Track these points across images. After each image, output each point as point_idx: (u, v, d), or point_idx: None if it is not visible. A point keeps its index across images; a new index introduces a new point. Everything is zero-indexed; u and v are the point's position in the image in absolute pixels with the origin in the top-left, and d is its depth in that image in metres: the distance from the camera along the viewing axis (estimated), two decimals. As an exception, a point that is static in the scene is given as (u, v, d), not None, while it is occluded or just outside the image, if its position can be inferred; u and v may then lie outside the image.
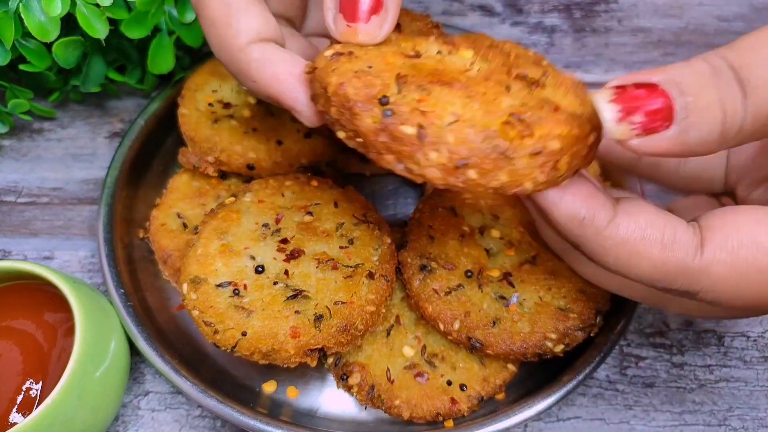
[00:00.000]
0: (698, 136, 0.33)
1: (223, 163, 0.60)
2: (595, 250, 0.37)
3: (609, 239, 0.36)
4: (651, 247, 0.36)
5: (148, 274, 0.60)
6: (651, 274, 0.37)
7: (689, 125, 0.33)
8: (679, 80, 0.33)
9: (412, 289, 0.53)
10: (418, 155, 0.35)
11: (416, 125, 0.34)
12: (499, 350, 0.50)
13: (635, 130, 0.33)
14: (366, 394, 0.51)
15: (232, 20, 0.41)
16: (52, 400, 0.44)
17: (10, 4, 0.58)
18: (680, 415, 0.56)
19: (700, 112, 0.33)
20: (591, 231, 0.36)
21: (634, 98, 0.33)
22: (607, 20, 0.87)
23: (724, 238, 0.36)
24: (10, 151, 0.73)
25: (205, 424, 0.56)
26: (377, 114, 0.35)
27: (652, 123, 0.33)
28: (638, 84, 0.34)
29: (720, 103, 0.33)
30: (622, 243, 0.36)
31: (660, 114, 0.33)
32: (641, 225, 0.36)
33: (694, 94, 0.33)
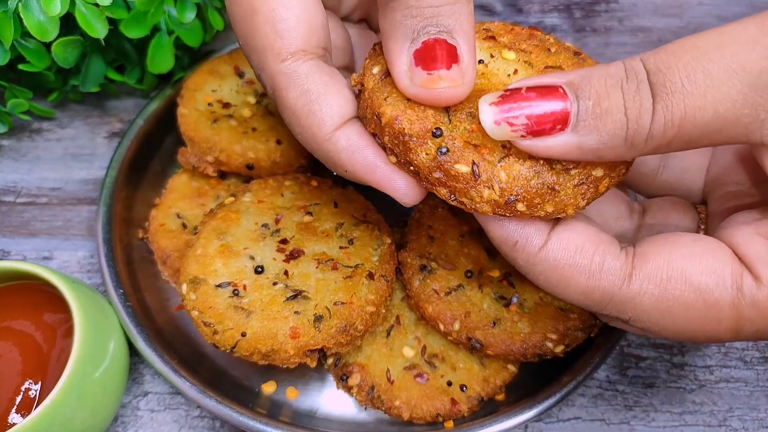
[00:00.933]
0: (597, 140, 0.33)
1: (223, 163, 0.60)
2: (526, 272, 0.39)
3: (539, 265, 0.37)
4: (578, 275, 0.36)
5: (147, 274, 0.60)
6: (579, 299, 0.38)
7: (586, 129, 0.33)
8: (580, 83, 0.33)
9: (412, 290, 0.53)
10: (471, 192, 0.36)
11: (470, 163, 0.35)
12: (499, 351, 0.50)
13: (517, 132, 0.33)
14: (366, 395, 0.51)
15: (313, 108, 0.39)
16: (51, 401, 0.44)
17: (9, 4, 0.58)
18: (680, 416, 0.56)
19: (598, 116, 0.32)
20: (522, 255, 0.38)
21: (517, 100, 0.33)
22: (607, 20, 0.87)
23: (655, 270, 0.36)
24: (9, 151, 0.73)
25: (204, 424, 0.56)
26: (432, 150, 0.36)
27: (538, 126, 0.33)
28: (534, 87, 0.33)
29: (623, 107, 0.32)
30: (550, 269, 0.37)
31: (549, 117, 0.33)
32: (570, 252, 0.37)
33: (595, 97, 0.32)
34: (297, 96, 0.40)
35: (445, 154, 0.35)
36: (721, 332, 0.36)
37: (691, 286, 0.35)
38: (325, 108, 0.39)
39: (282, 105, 0.41)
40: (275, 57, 0.39)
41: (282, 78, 0.40)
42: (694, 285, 0.35)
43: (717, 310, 0.35)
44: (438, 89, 0.36)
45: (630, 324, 0.38)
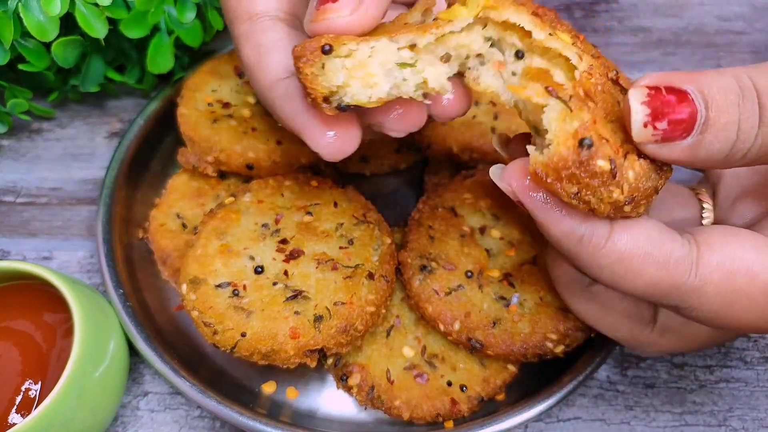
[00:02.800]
0: (708, 152, 0.34)
1: (223, 163, 0.60)
2: (589, 267, 0.38)
3: (605, 258, 0.37)
4: (648, 266, 0.36)
5: (147, 274, 0.60)
6: (645, 290, 0.37)
7: (703, 140, 0.34)
8: (707, 93, 0.34)
9: (412, 290, 0.53)
10: (602, 191, 0.33)
11: (608, 159, 0.33)
12: (499, 351, 0.50)
13: (656, 137, 0.34)
14: (366, 395, 0.51)
15: (262, 60, 0.43)
16: (51, 401, 0.44)
17: (9, 4, 0.58)
18: (681, 416, 0.56)
19: (716, 130, 0.33)
20: (588, 249, 0.37)
21: (664, 104, 0.33)
22: (607, 20, 0.87)
23: (721, 261, 0.36)
24: (8, 151, 0.73)
25: (204, 424, 0.56)
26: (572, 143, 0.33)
27: (672, 132, 0.33)
28: (670, 88, 0.34)
29: (737, 126, 0.33)
30: (618, 260, 0.36)
31: (682, 124, 0.33)
32: (640, 242, 0.36)
33: (717, 110, 0.33)
34: (250, 50, 0.44)
35: (590, 147, 0.32)
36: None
37: (756, 281, 0.36)
38: (272, 60, 0.43)
39: (240, 61, 0.45)
40: (238, 18, 0.44)
41: (241, 36, 0.44)
42: (760, 280, 0.36)
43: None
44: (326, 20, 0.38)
45: (686, 312, 0.38)
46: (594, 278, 0.39)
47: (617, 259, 0.36)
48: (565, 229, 0.36)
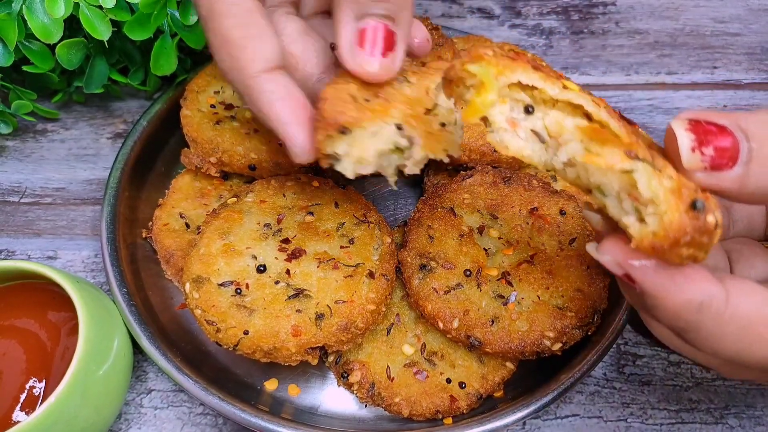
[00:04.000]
0: (758, 182, 0.34)
1: (225, 164, 0.60)
2: (710, 337, 0.35)
3: (730, 324, 0.34)
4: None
5: (150, 273, 0.61)
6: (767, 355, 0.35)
7: (750, 170, 0.34)
8: (745, 126, 0.34)
9: (412, 288, 0.54)
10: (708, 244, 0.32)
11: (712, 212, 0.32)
12: (497, 348, 0.51)
13: (704, 163, 0.34)
14: (366, 392, 0.52)
15: (249, 44, 0.41)
16: (55, 398, 0.45)
17: (13, 6, 0.58)
18: (677, 413, 0.56)
19: (762, 159, 0.34)
20: (710, 316, 0.34)
21: (706, 131, 0.34)
22: (604, 22, 0.87)
23: None
24: (13, 151, 0.74)
25: (207, 421, 0.56)
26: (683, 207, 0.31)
27: (720, 159, 0.34)
28: (708, 121, 0.34)
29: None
30: (743, 328, 0.34)
31: (728, 152, 0.34)
32: (758, 305, 0.34)
33: (759, 141, 0.34)
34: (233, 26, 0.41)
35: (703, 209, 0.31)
36: None
37: None
38: (260, 48, 0.41)
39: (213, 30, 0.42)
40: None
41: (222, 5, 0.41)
42: None
43: None
44: (369, 72, 0.41)
45: None
46: (714, 352, 0.36)
47: (742, 325, 0.34)
48: (683, 298, 0.34)
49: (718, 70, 0.82)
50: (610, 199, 0.34)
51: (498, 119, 0.36)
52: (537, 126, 0.35)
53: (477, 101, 0.35)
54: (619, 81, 0.81)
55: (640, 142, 0.33)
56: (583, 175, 0.34)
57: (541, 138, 0.35)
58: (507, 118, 0.36)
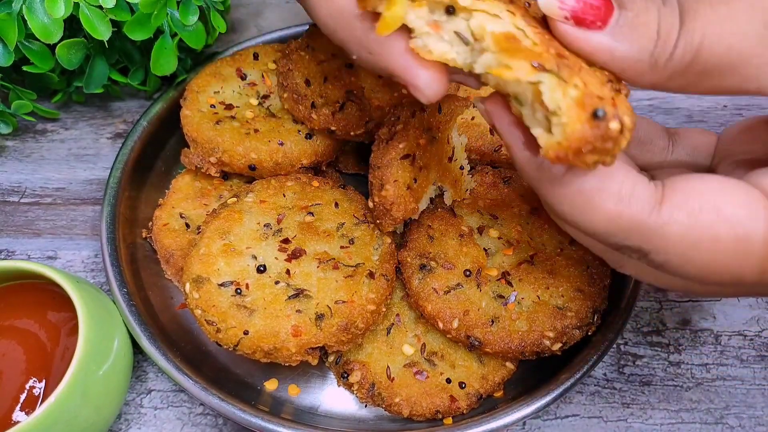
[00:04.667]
0: (628, 49, 0.34)
1: (225, 164, 0.60)
2: (550, 198, 0.36)
3: (564, 187, 0.35)
4: (606, 200, 0.35)
5: (150, 273, 0.61)
6: (605, 227, 0.35)
7: (621, 35, 0.34)
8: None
9: (412, 288, 0.54)
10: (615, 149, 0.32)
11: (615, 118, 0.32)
12: (497, 348, 0.51)
13: (564, 12, 0.34)
14: (366, 392, 0.52)
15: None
16: (55, 399, 0.45)
17: (13, 6, 0.58)
18: (677, 413, 0.56)
19: (634, 26, 0.34)
20: (548, 177, 0.35)
21: None
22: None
23: (685, 200, 0.35)
24: (13, 151, 0.74)
25: (207, 421, 0.56)
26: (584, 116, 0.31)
27: (584, 13, 0.34)
28: None
29: (657, 25, 0.34)
30: (577, 193, 0.35)
31: (595, 10, 0.34)
32: (598, 176, 0.35)
33: (636, 10, 0.34)
34: None
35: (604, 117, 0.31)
36: (746, 270, 0.35)
37: (722, 217, 0.34)
38: None
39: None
40: None
41: None
42: (726, 216, 0.34)
43: (747, 244, 0.34)
44: None
45: (651, 257, 0.36)
46: (556, 213, 0.37)
47: (576, 190, 0.35)
48: (525, 155, 0.36)
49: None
50: (525, 109, 0.35)
51: (418, 24, 0.35)
52: (460, 27, 0.35)
53: (387, 15, 0.35)
54: (620, 81, 0.81)
55: (552, 52, 0.33)
56: (501, 83, 0.35)
57: (465, 40, 0.35)
58: (428, 21, 0.35)
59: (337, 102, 0.60)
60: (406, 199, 0.51)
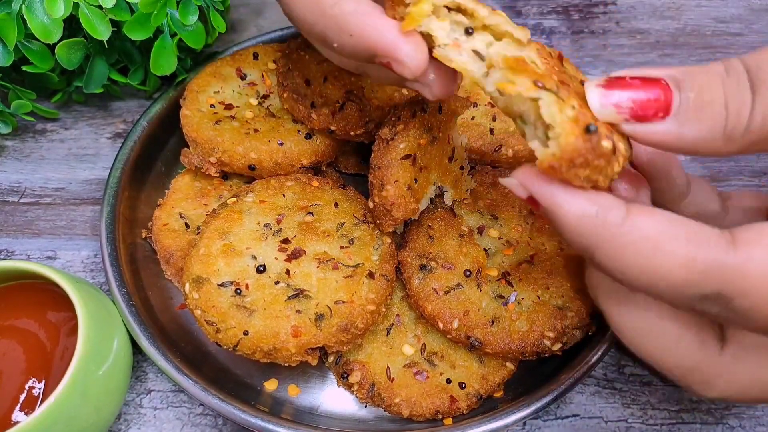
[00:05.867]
0: (697, 131, 0.33)
1: (225, 164, 0.60)
2: (611, 252, 0.33)
3: (627, 235, 0.32)
4: (675, 242, 0.31)
5: (150, 273, 0.61)
6: (679, 275, 0.32)
7: (688, 119, 0.33)
8: (682, 78, 0.34)
9: (412, 289, 0.54)
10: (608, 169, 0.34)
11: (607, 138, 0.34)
12: (497, 349, 0.51)
13: (623, 115, 0.34)
14: (366, 392, 0.52)
15: None
16: (55, 399, 0.45)
17: (13, 6, 0.58)
18: (677, 414, 0.56)
19: (700, 108, 0.33)
20: (605, 229, 0.33)
21: (623, 85, 0.34)
22: (605, 22, 0.87)
23: (759, 237, 0.31)
24: (13, 151, 0.74)
25: (207, 422, 0.56)
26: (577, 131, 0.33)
27: (642, 110, 0.34)
28: (637, 77, 0.34)
29: (724, 101, 0.32)
30: (642, 239, 0.32)
31: (654, 103, 0.33)
32: (660, 220, 0.32)
33: (697, 90, 0.33)
34: None
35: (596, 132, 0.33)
36: None
37: None
38: None
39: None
40: None
41: None
42: None
43: None
44: None
45: (735, 304, 0.32)
46: (619, 271, 0.33)
47: (640, 237, 0.32)
48: (576, 210, 0.33)
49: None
50: (528, 127, 0.36)
51: (440, 34, 0.39)
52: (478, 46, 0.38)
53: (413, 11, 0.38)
54: (620, 81, 0.81)
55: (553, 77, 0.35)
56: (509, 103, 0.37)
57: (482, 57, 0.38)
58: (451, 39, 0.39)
59: (337, 102, 0.60)
60: (407, 200, 0.52)
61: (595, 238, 0.33)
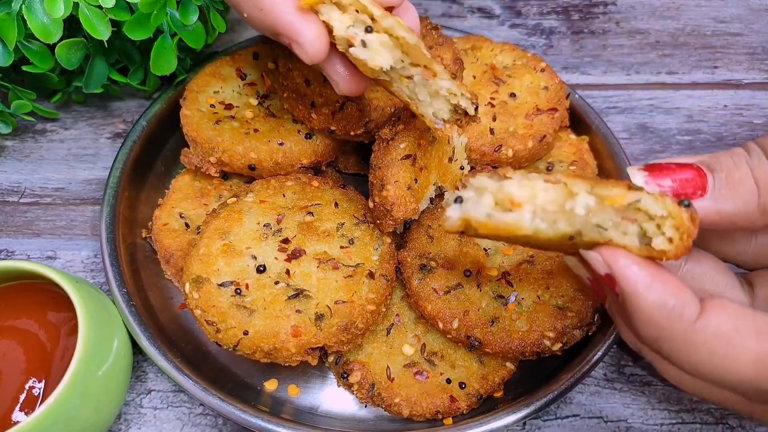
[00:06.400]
0: (734, 206, 0.37)
1: (225, 164, 0.60)
2: (683, 348, 0.34)
3: (700, 333, 0.34)
4: (747, 338, 0.33)
5: (150, 273, 0.61)
6: (753, 370, 0.33)
7: (723, 197, 0.37)
8: (710, 161, 0.38)
9: (412, 289, 0.54)
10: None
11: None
12: (497, 349, 0.51)
13: (663, 192, 0.36)
14: (366, 392, 0.52)
15: None
16: (55, 399, 0.45)
17: (13, 6, 0.58)
18: (677, 414, 0.56)
19: (732, 185, 0.37)
20: (680, 324, 0.34)
21: (663, 168, 0.38)
22: (605, 22, 0.87)
23: None
24: (12, 151, 0.74)
25: (207, 422, 0.56)
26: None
27: (683, 189, 0.37)
28: (673, 162, 0.38)
29: (752, 177, 0.37)
30: (714, 337, 0.33)
31: (691, 183, 0.37)
32: (732, 316, 0.34)
33: (727, 170, 0.37)
34: None
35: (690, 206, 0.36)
36: None
37: None
38: None
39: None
40: None
41: None
42: None
43: None
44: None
45: None
46: (689, 365, 0.35)
47: (713, 335, 0.33)
48: (654, 300, 0.34)
49: (718, 69, 0.82)
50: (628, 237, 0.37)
51: (337, 25, 0.41)
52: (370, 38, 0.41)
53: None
54: (620, 81, 0.81)
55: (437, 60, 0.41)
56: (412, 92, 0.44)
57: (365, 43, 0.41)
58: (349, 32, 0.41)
59: (336, 102, 0.60)
60: (407, 200, 0.52)
61: (668, 331, 0.34)
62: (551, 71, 0.68)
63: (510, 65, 0.69)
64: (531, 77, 0.67)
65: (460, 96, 0.45)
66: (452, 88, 0.45)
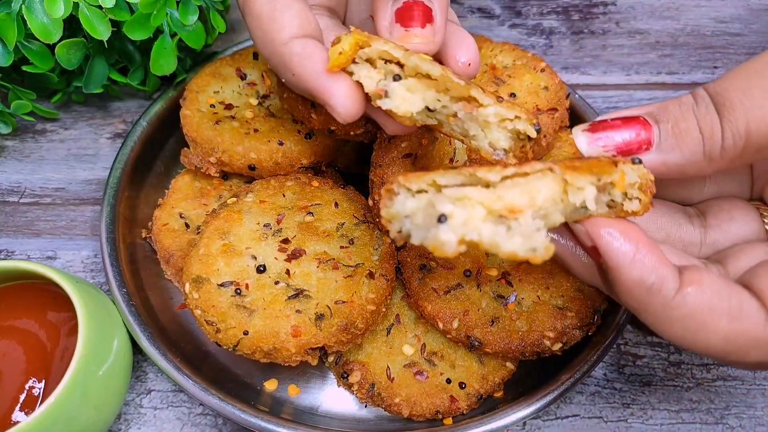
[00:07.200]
0: (680, 157, 0.38)
1: (225, 164, 0.60)
2: (659, 321, 0.36)
3: (676, 310, 0.35)
4: (719, 319, 0.35)
5: (150, 273, 0.61)
6: (722, 347, 0.36)
7: (669, 148, 0.38)
8: (657, 112, 0.38)
9: (412, 289, 0.54)
10: None
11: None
12: (497, 349, 0.51)
13: (609, 152, 0.38)
14: (366, 392, 0.52)
15: (276, 15, 0.44)
16: (55, 399, 0.45)
17: (12, 6, 0.58)
18: (677, 414, 0.56)
19: (678, 136, 0.37)
20: (658, 299, 0.35)
21: (606, 126, 0.39)
22: (605, 22, 0.87)
23: None
24: (12, 152, 0.74)
25: (207, 422, 0.56)
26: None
27: (627, 147, 0.38)
28: (618, 117, 0.39)
29: (697, 126, 0.37)
30: (689, 315, 0.35)
31: (635, 139, 0.38)
32: (708, 295, 0.35)
33: (673, 120, 0.38)
34: (264, 3, 0.45)
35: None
36: None
37: None
38: (288, 17, 0.44)
39: (248, 12, 0.46)
40: None
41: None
42: None
43: None
44: (412, 44, 0.43)
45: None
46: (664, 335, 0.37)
47: (688, 312, 0.35)
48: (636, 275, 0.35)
49: (718, 70, 0.82)
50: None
51: (367, 83, 0.42)
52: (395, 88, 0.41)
53: (330, 52, 0.42)
54: (620, 81, 0.81)
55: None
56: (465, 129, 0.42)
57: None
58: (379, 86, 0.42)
59: (336, 102, 0.60)
60: None
61: (645, 305, 0.36)
62: (551, 71, 0.68)
63: (510, 65, 0.69)
64: (531, 77, 0.67)
65: (514, 119, 0.40)
66: (500, 112, 0.39)
